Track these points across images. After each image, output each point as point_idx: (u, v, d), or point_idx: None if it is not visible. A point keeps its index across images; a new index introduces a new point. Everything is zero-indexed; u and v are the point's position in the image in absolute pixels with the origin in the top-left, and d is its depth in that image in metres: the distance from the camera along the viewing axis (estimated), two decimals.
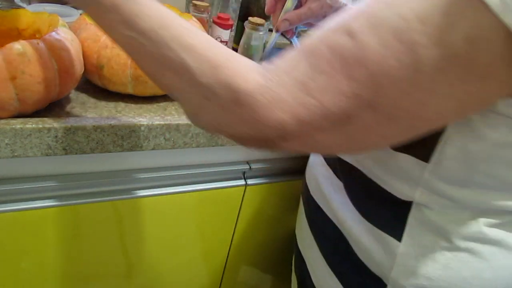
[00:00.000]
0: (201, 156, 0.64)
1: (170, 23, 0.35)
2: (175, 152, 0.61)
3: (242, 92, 0.32)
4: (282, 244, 0.84)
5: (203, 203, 0.66)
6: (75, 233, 0.58)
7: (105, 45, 0.52)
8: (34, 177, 0.53)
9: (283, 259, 0.87)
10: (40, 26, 0.53)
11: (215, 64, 0.33)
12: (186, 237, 0.69)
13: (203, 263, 0.76)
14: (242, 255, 0.80)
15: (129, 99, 0.57)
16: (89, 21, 0.56)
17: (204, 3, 0.74)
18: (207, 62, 0.33)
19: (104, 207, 0.58)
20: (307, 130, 0.31)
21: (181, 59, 0.34)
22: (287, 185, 0.73)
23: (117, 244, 0.63)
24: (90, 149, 0.50)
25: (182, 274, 0.75)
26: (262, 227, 0.77)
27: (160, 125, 0.53)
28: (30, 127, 0.45)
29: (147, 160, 0.60)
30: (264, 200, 0.73)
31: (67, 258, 0.60)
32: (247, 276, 0.85)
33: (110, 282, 0.67)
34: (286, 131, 0.31)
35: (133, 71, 0.52)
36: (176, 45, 0.34)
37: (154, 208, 0.62)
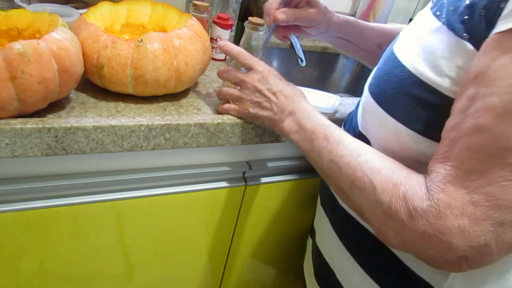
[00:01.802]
0: (201, 156, 0.64)
1: (364, 150, 0.43)
2: (175, 152, 0.61)
3: (416, 205, 0.36)
4: (282, 244, 0.84)
5: (203, 203, 0.66)
6: (75, 233, 0.58)
7: (105, 45, 0.52)
8: (34, 177, 0.53)
9: (284, 258, 0.87)
10: (40, 26, 0.53)
11: (395, 182, 0.38)
12: (186, 237, 0.69)
13: (203, 263, 0.76)
14: (242, 255, 0.80)
15: (129, 99, 0.57)
16: (89, 21, 0.56)
17: (204, 3, 0.74)
18: (390, 181, 0.39)
19: (104, 207, 0.58)
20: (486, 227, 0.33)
21: (369, 179, 0.40)
22: (287, 185, 0.73)
23: (117, 244, 0.63)
24: (90, 149, 0.50)
25: (182, 274, 0.75)
26: (262, 227, 0.77)
27: (160, 125, 0.53)
28: (30, 127, 0.45)
29: (147, 160, 0.60)
30: (264, 201, 0.73)
31: (67, 258, 0.60)
32: (248, 276, 0.85)
33: (110, 282, 0.67)
34: (468, 237, 0.34)
35: (133, 71, 0.52)
36: (367, 168, 0.41)
37: (154, 208, 0.62)
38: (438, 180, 0.35)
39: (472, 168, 0.33)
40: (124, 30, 0.65)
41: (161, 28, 0.66)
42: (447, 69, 0.39)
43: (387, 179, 0.39)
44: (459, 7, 0.39)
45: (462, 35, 0.38)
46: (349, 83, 1.24)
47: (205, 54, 0.60)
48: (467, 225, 0.33)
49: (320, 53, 1.17)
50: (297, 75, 1.17)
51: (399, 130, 0.43)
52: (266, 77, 0.54)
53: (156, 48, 0.53)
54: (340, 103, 0.70)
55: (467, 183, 0.33)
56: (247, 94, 0.54)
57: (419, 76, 0.41)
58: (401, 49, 0.45)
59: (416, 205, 0.36)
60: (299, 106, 0.51)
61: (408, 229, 0.36)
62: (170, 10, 0.66)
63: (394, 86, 0.44)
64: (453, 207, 0.34)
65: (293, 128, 0.50)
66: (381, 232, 0.40)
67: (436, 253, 0.36)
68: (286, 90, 0.53)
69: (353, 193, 0.42)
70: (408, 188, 0.37)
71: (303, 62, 0.79)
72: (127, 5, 0.65)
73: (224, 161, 0.66)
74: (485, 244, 0.34)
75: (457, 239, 0.34)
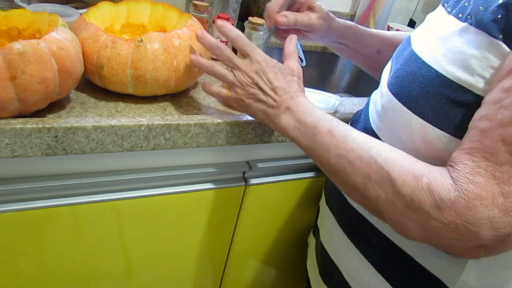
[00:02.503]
0: (201, 156, 0.64)
1: (374, 143, 0.42)
2: (175, 152, 0.61)
3: (443, 196, 0.36)
4: (282, 244, 0.84)
5: (203, 203, 0.66)
6: (75, 233, 0.58)
7: (105, 45, 0.52)
8: (34, 177, 0.53)
9: (284, 258, 0.87)
10: (40, 26, 0.53)
11: (417, 174, 0.38)
12: (186, 237, 0.69)
13: (203, 263, 0.76)
14: (242, 255, 0.80)
15: (129, 99, 0.57)
16: (89, 21, 0.56)
17: (204, 3, 0.74)
18: (409, 173, 0.38)
19: (104, 207, 0.58)
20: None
21: (386, 171, 0.39)
22: (287, 185, 0.73)
23: (117, 244, 0.63)
24: (90, 149, 0.50)
25: (182, 274, 0.75)
26: (262, 227, 0.77)
27: (160, 125, 0.53)
28: (30, 127, 0.45)
29: (147, 160, 0.60)
30: (264, 200, 0.73)
31: (67, 258, 0.60)
32: (248, 276, 0.85)
33: (110, 282, 0.67)
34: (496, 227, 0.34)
35: (133, 71, 0.53)
36: (382, 160, 0.40)
37: (154, 208, 0.62)
38: (466, 171, 0.35)
39: (504, 160, 0.34)
40: (124, 30, 0.65)
41: (161, 28, 0.66)
42: (479, 69, 0.38)
43: (406, 170, 0.39)
44: (489, 7, 0.38)
45: (495, 35, 0.37)
46: (349, 83, 1.24)
47: (205, 54, 0.60)
48: (496, 215, 0.33)
49: (320, 53, 1.17)
50: None
51: (426, 130, 0.42)
52: (263, 69, 0.51)
53: (156, 48, 0.53)
54: (340, 103, 0.70)
55: (498, 174, 0.34)
56: (242, 84, 0.51)
57: (448, 76, 0.41)
58: (424, 50, 0.45)
59: (443, 196, 0.35)
60: (297, 101, 0.50)
61: (433, 220, 0.36)
62: (170, 10, 0.66)
63: (420, 86, 0.43)
64: (483, 197, 0.34)
65: (291, 124, 0.49)
66: (400, 224, 0.39)
67: (460, 243, 0.36)
68: (284, 85, 0.51)
69: (367, 188, 0.41)
70: (432, 180, 0.37)
71: (303, 62, 0.78)
72: (127, 5, 0.65)
73: (224, 161, 0.66)
74: (509, 234, 0.34)
75: (485, 229, 0.34)
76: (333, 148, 0.44)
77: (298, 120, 0.48)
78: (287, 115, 0.49)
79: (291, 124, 0.49)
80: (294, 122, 0.48)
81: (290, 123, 0.49)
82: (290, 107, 0.49)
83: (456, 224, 0.35)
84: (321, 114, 0.48)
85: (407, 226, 0.39)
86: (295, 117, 0.49)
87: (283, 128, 0.50)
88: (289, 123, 0.49)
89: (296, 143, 0.49)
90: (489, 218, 0.34)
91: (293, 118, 0.49)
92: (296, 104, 0.49)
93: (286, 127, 0.49)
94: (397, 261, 0.48)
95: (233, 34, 0.53)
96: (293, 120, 0.49)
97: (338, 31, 0.69)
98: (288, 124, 0.49)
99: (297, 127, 0.48)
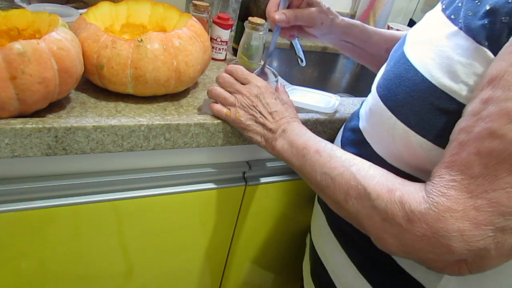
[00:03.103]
0: (201, 156, 0.64)
1: (356, 161, 0.43)
2: (175, 152, 0.61)
3: (413, 208, 0.36)
4: (282, 244, 0.84)
5: (203, 203, 0.66)
6: (75, 233, 0.58)
7: (105, 45, 0.52)
8: (34, 177, 0.53)
9: (284, 258, 0.87)
10: (40, 26, 0.53)
11: (391, 188, 0.38)
12: (186, 237, 0.69)
13: (203, 263, 0.76)
14: (242, 255, 0.80)
15: (129, 99, 0.57)
16: (89, 21, 0.56)
17: (204, 3, 0.74)
18: (384, 187, 0.39)
19: (104, 207, 0.58)
20: (486, 232, 0.33)
21: (363, 186, 0.40)
22: (287, 185, 0.73)
23: (117, 244, 0.63)
24: (90, 149, 0.50)
25: (182, 274, 0.75)
26: (262, 227, 0.77)
27: (160, 125, 0.53)
28: (30, 127, 0.45)
29: (147, 160, 0.60)
30: (264, 200, 0.73)
31: (67, 258, 0.60)
32: (248, 276, 0.85)
33: (110, 282, 0.67)
34: (467, 240, 0.33)
35: (133, 71, 0.52)
36: (360, 176, 0.41)
37: (154, 208, 0.62)
38: (441, 185, 0.35)
39: (479, 173, 0.33)
40: (124, 30, 0.65)
41: (161, 28, 0.66)
42: (464, 76, 0.38)
43: (381, 185, 0.39)
44: (478, 12, 0.38)
45: (481, 41, 0.37)
46: (349, 83, 1.24)
47: (205, 54, 0.60)
48: (467, 228, 0.33)
49: (320, 53, 1.17)
50: (297, 75, 1.17)
51: (409, 136, 0.42)
52: (263, 93, 0.54)
53: (156, 48, 0.53)
54: (340, 103, 0.70)
55: (472, 188, 0.33)
56: (242, 105, 0.54)
57: (433, 82, 0.40)
58: (413, 52, 0.44)
59: (414, 208, 0.35)
60: (293, 126, 0.52)
61: (406, 233, 0.36)
62: (170, 10, 0.66)
63: (405, 90, 0.43)
64: (453, 210, 0.33)
65: (284, 146, 0.51)
66: (380, 239, 0.39)
67: (436, 256, 0.36)
68: (281, 110, 0.54)
69: (348, 203, 0.42)
70: (404, 193, 0.37)
71: (303, 62, 0.79)
72: (127, 5, 0.65)
73: (224, 161, 0.66)
74: (484, 249, 0.33)
75: (456, 242, 0.33)
76: (318, 167, 0.46)
77: (290, 142, 0.50)
78: (282, 139, 0.51)
79: (285, 146, 0.51)
80: (288, 145, 0.50)
81: (284, 145, 0.51)
82: (286, 130, 0.52)
83: (428, 237, 0.35)
84: (311, 136, 0.50)
85: (385, 240, 0.39)
86: (288, 140, 0.51)
87: (277, 150, 0.52)
88: (283, 145, 0.51)
89: (289, 164, 0.51)
90: (459, 231, 0.33)
91: (287, 140, 0.51)
92: (292, 128, 0.52)
93: (280, 149, 0.51)
94: (381, 264, 0.48)
95: (232, 67, 0.57)
96: (287, 142, 0.51)
97: (342, 28, 0.68)
98: (283, 146, 0.51)
99: (289, 149, 0.50)
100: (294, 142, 0.50)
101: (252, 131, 0.54)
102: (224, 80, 0.56)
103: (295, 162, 0.49)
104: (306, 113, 0.65)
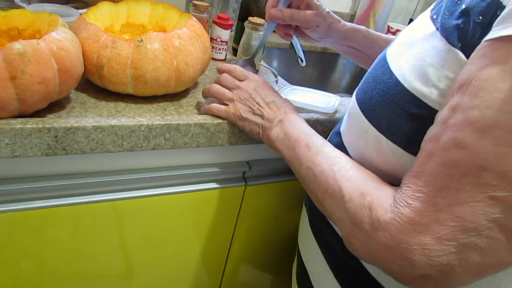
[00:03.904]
0: (201, 156, 0.64)
1: (340, 160, 0.43)
2: (175, 152, 0.61)
3: (379, 216, 0.35)
4: (282, 244, 0.84)
5: (203, 203, 0.66)
6: (75, 233, 0.58)
7: (105, 45, 0.52)
8: (34, 177, 0.53)
9: (283, 259, 0.87)
10: (40, 26, 0.53)
11: (364, 192, 0.37)
12: (186, 237, 0.69)
13: (203, 263, 0.76)
14: (242, 255, 0.80)
15: (129, 99, 0.57)
16: (89, 21, 0.56)
17: (204, 3, 0.74)
18: (358, 190, 0.38)
19: (104, 207, 0.58)
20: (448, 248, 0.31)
21: (339, 186, 0.39)
22: (287, 185, 0.73)
23: (117, 244, 0.63)
24: (90, 149, 0.50)
25: (182, 274, 0.75)
26: (262, 227, 0.77)
27: (160, 125, 0.53)
28: (30, 127, 0.45)
29: (147, 160, 0.60)
30: (264, 201, 0.73)
31: (67, 258, 0.60)
32: (247, 276, 0.85)
33: (110, 282, 0.67)
34: (429, 255, 0.32)
35: (133, 71, 0.52)
36: (339, 176, 0.40)
37: (154, 208, 0.62)
38: (408, 194, 0.34)
39: (444, 185, 0.31)
40: (124, 30, 0.65)
41: (161, 28, 0.66)
42: (435, 79, 0.36)
43: (356, 187, 0.38)
44: (455, 12, 0.36)
45: (454, 42, 0.35)
46: (349, 83, 1.24)
47: (205, 54, 0.60)
48: (429, 243, 0.32)
49: (320, 53, 1.17)
50: (297, 75, 1.17)
51: (380, 141, 0.41)
52: (261, 86, 0.55)
53: (156, 48, 0.53)
54: (340, 103, 0.70)
55: (437, 200, 0.32)
56: (241, 99, 0.55)
57: (405, 85, 0.38)
58: (393, 54, 0.43)
59: (380, 216, 0.34)
60: (290, 116, 0.52)
61: (371, 240, 0.35)
62: (170, 10, 0.66)
63: (379, 93, 0.42)
64: (416, 223, 0.32)
65: (279, 136, 0.50)
66: (349, 242, 0.39)
67: (399, 268, 0.34)
68: (279, 101, 0.54)
69: (325, 201, 0.41)
70: (374, 198, 0.36)
71: (303, 62, 0.79)
72: (127, 5, 0.65)
73: (224, 161, 0.66)
74: (447, 265, 0.32)
75: (418, 256, 0.32)
76: (305, 161, 0.45)
77: (285, 133, 0.50)
78: (278, 128, 0.51)
79: (279, 136, 0.50)
80: (282, 135, 0.50)
81: (279, 135, 0.51)
82: (283, 120, 0.51)
83: (391, 247, 0.33)
84: (305, 129, 0.49)
85: (354, 244, 0.38)
86: (284, 130, 0.50)
87: (272, 140, 0.51)
88: (278, 135, 0.51)
89: (281, 154, 0.51)
90: (421, 245, 0.32)
91: (282, 131, 0.50)
92: (289, 118, 0.51)
93: (275, 139, 0.51)
94: (354, 270, 0.47)
95: (230, 66, 0.58)
96: (281, 133, 0.50)
97: (344, 32, 0.68)
98: (277, 136, 0.51)
99: (283, 139, 0.50)
100: (289, 133, 0.49)
101: (250, 122, 0.54)
102: (225, 79, 0.57)
103: (286, 153, 0.49)
104: (306, 113, 0.65)
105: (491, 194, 0.29)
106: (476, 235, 0.30)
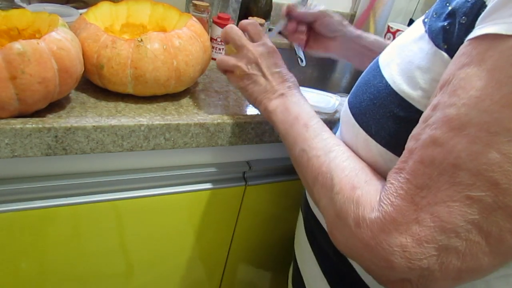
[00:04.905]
0: (201, 156, 0.64)
1: (338, 148, 0.42)
2: (175, 152, 0.61)
3: (364, 214, 0.34)
4: (282, 244, 0.84)
5: (203, 203, 0.66)
6: (75, 233, 0.58)
7: (105, 45, 0.52)
8: (34, 177, 0.53)
9: (283, 259, 0.87)
10: (40, 26, 0.53)
11: (355, 185, 0.36)
12: (186, 237, 0.69)
13: (203, 263, 0.76)
14: (242, 255, 0.80)
15: (129, 99, 0.57)
16: (89, 20, 0.56)
17: (204, 3, 0.74)
18: (349, 183, 0.37)
19: (104, 207, 0.58)
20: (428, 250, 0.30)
21: (331, 176, 0.39)
22: (287, 185, 0.73)
23: (117, 244, 0.63)
24: (90, 149, 0.50)
25: (182, 274, 0.75)
26: (262, 227, 0.77)
27: (160, 125, 0.53)
28: (30, 127, 0.45)
29: (147, 160, 0.60)
30: (264, 200, 0.73)
31: (67, 258, 0.60)
32: (247, 276, 0.85)
33: (110, 282, 0.67)
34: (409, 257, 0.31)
35: (133, 71, 0.52)
36: (334, 165, 0.39)
37: (154, 208, 0.62)
38: (390, 191, 0.33)
39: (424, 184, 0.31)
40: (124, 30, 0.65)
41: (161, 28, 0.66)
42: (422, 82, 0.36)
43: (348, 179, 0.37)
44: (442, 14, 0.36)
45: (439, 44, 0.35)
46: (349, 83, 1.24)
47: (205, 54, 0.60)
48: (409, 244, 0.30)
49: None
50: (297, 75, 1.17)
51: (369, 145, 0.40)
52: (271, 53, 0.52)
53: (156, 48, 0.53)
54: (340, 103, 0.70)
55: (417, 199, 0.31)
56: (244, 63, 0.52)
57: (394, 88, 0.38)
58: (385, 58, 0.43)
59: (365, 213, 0.34)
60: (293, 92, 0.50)
61: (353, 236, 0.34)
62: (170, 10, 0.66)
63: (369, 97, 0.41)
64: (399, 223, 0.31)
65: (278, 108, 0.49)
66: (331, 234, 0.38)
67: (378, 269, 0.33)
68: (285, 74, 0.52)
69: (314, 187, 0.41)
70: (364, 193, 0.35)
71: (303, 62, 0.79)
72: (127, 5, 0.65)
73: (224, 161, 0.66)
74: (427, 269, 0.31)
75: (397, 258, 0.31)
76: (300, 141, 0.44)
77: (285, 107, 0.49)
78: (278, 101, 0.50)
79: (278, 109, 0.49)
80: (281, 108, 0.49)
81: (278, 107, 0.49)
82: (285, 94, 0.50)
83: (371, 246, 0.32)
84: (307, 109, 0.48)
85: (336, 237, 0.37)
86: (285, 104, 0.49)
87: (269, 111, 0.50)
88: (277, 107, 0.49)
89: (275, 128, 0.50)
90: (401, 246, 0.31)
91: (282, 104, 0.49)
92: (291, 94, 0.50)
93: (273, 110, 0.49)
94: (347, 277, 0.46)
95: (249, 22, 0.54)
96: (282, 106, 0.49)
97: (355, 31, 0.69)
98: (276, 109, 0.49)
99: (281, 114, 0.49)
100: (289, 109, 0.48)
101: (249, 90, 0.52)
102: (232, 30, 0.53)
103: (281, 128, 0.48)
104: None
105: (467, 194, 0.29)
106: (455, 237, 0.30)
